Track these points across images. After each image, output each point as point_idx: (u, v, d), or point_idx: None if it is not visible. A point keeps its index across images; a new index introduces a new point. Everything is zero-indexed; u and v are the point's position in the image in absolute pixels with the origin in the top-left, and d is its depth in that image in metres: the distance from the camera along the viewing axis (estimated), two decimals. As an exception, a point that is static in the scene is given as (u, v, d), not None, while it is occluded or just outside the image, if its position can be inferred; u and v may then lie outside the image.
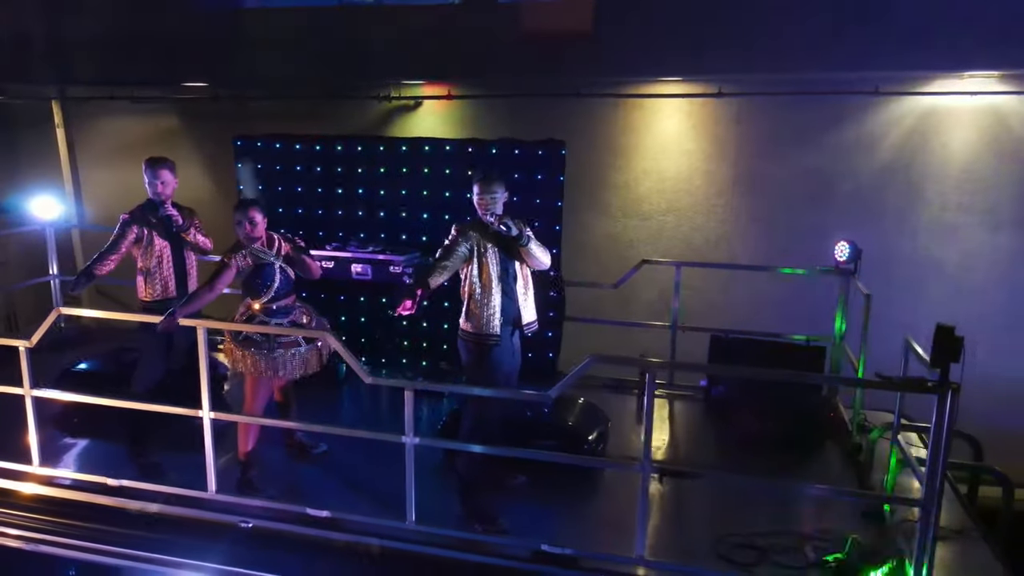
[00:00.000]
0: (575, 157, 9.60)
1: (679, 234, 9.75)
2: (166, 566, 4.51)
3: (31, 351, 4.51)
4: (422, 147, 6.10)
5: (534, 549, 4.13)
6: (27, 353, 4.51)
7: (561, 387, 3.98)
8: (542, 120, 9.60)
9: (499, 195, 4.32)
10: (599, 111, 9.68)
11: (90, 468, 4.81)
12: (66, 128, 10.29)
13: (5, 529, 4.56)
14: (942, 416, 3.54)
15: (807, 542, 4.26)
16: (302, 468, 5.02)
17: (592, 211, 9.87)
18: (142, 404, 4.55)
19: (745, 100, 9.15)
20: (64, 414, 5.35)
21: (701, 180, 9.63)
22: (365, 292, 6.16)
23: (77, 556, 4.55)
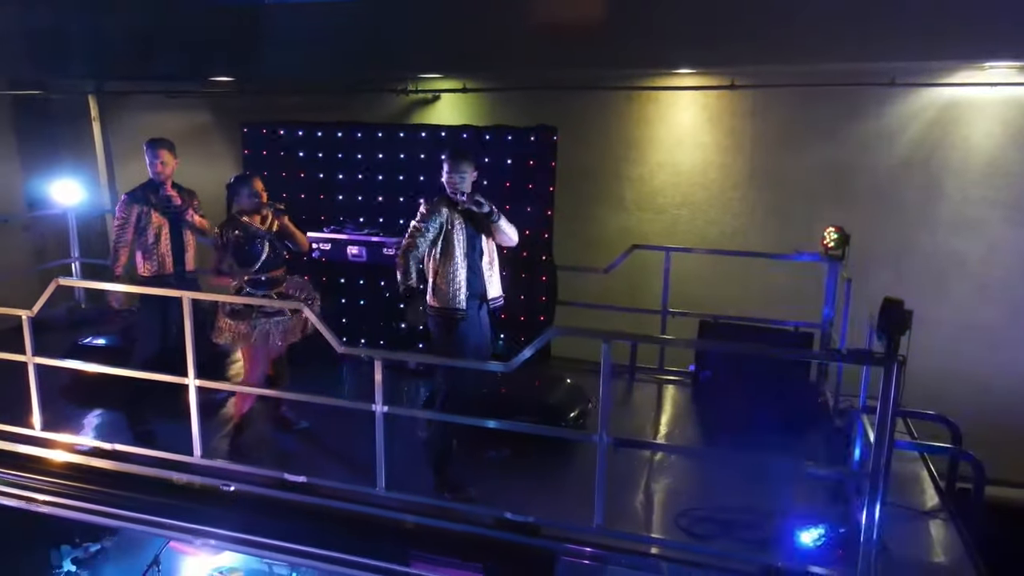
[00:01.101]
0: (589, 150, 9.75)
1: (694, 228, 9.73)
2: (158, 527, 4.76)
3: (33, 320, 4.78)
4: (419, 134, 6.27)
5: (498, 517, 4.24)
6: (29, 322, 4.80)
7: (520, 360, 4.09)
8: (557, 113, 9.66)
9: (467, 174, 4.45)
10: (614, 104, 9.73)
11: (90, 433, 5.07)
12: (101, 121, 10.75)
13: (6, 488, 4.84)
14: (888, 388, 3.54)
15: (770, 518, 4.27)
16: (287, 439, 5.21)
17: (606, 204, 9.92)
18: (132, 372, 4.79)
19: (761, 92, 9.10)
20: (72, 385, 5.63)
21: (716, 173, 9.60)
22: (363, 275, 6.33)
23: (73, 516, 4.82)
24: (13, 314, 4.81)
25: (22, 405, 5.01)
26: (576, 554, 4.11)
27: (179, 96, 10.58)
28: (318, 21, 9.44)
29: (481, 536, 4.23)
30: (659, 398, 6.05)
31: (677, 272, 9.12)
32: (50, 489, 4.91)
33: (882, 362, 3.54)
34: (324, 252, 6.03)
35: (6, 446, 5.03)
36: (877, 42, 7.87)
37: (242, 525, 4.56)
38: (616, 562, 4.08)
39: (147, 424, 5.15)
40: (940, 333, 8.86)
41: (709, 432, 5.51)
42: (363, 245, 5.95)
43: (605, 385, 3.95)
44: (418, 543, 4.28)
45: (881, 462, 3.65)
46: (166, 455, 4.73)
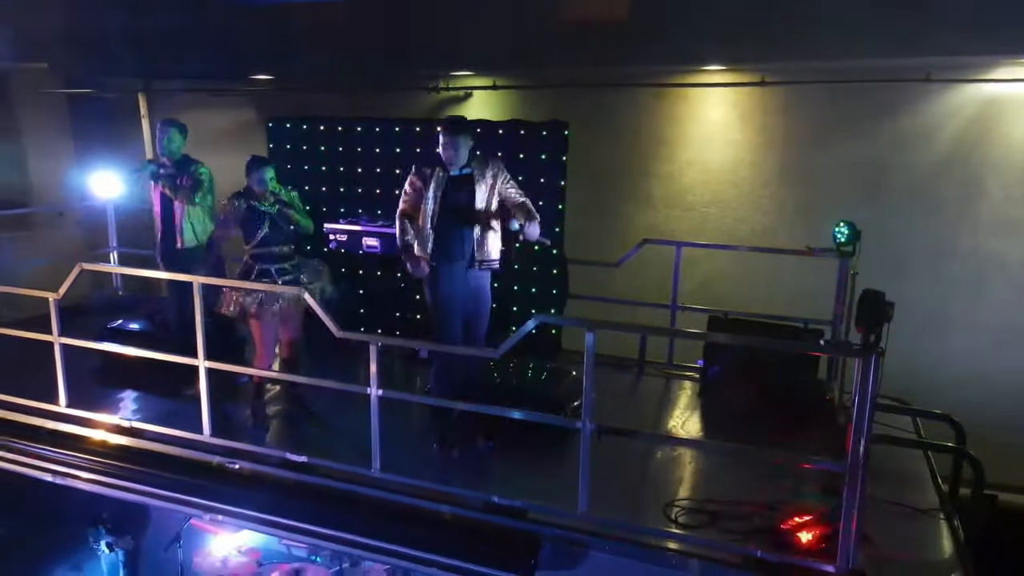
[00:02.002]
0: (618, 147, 9.77)
1: (722, 226, 9.65)
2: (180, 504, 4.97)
3: (58, 302, 5.08)
4: (434, 127, 6.38)
5: (486, 500, 4.33)
6: (55, 304, 5.08)
7: (507, 346, 4.18)
8: (587, 110, 9.77)
9: (461, 148, 4.74)
10: (644, 101, 9.72)
11: (115, 412, 5.32)
12: (150, 119, 11.21)
13: (32, 461, 5.14)
14: (865, 379, 3.52)
15: (759, 511, 4.26)
16: (302, 420, 5.38)
17: (634, 201, 9.92)
18: (147, 353, 5.04)
19: (792, 89, 8.99)
20: (103, 367, 5.92)
21: (746, 171, 9.51)
22: (378, 265, 6.48)
23: (98, 490, 5.09)
24: (41, 296, 5.10)
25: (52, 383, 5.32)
26: (560, 539, 4.18)
27: (222, 94, 10.94)
28: (349, 19, 9.68)
29: (468, 518, 4.33)
30: (665, 392, 6.06)
31: (699, 269, 9.17)
32: (79, 464, 5.17)
33: (860, 353, 3.52)
34: (341, 243, 6.21)
35: (41, 422, 5.33)
36: (911, 38, 7.72)
37: (258, 505, 4.74)
38: (599, 548, 4.12)
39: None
40: (979, 336, 8.63)
41: (712, 426, 5.51)
42: (378, 236, 6.12)
43: (588, 374, 4.01)
44: (410, 524, 4.40)
45: (859, 455, 3.63)
46: (178, 432, 4.96)
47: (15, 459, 5.31)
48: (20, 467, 5.20)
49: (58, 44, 10.58)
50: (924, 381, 7.44)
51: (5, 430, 5.39)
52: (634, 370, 6.30)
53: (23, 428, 5.36)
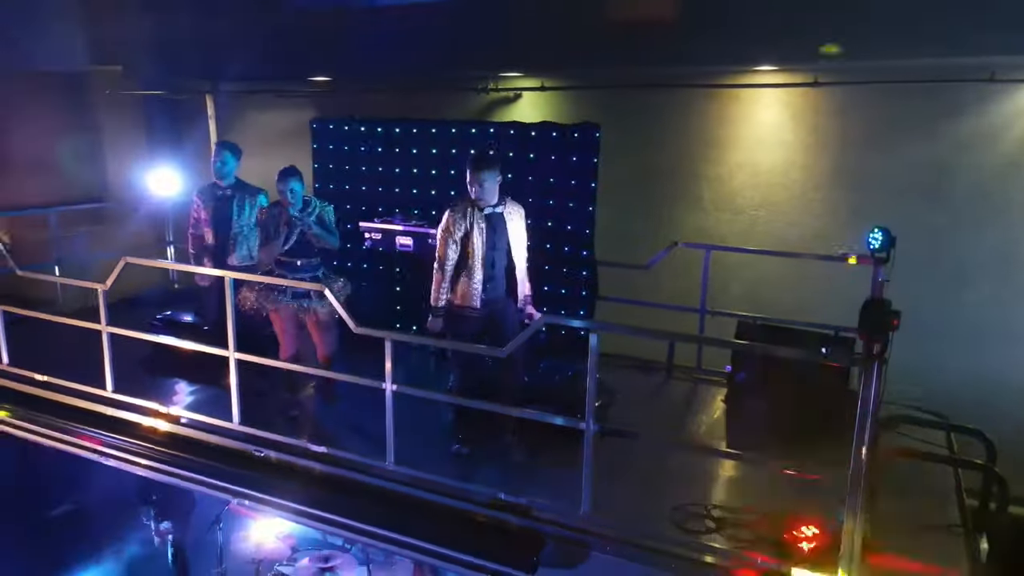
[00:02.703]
0: (667, 149, 9.69)
1: (773, 229, 9.44)
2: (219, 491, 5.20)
3: (106, 293, 5.40)
4: (469, 129, 6.51)
5: (494, 496, 4.41)
6: (104, 295, 5.41)
7: (513, 345, 4.25)
8: (635, 111, 9.72)
9: (487, 183, 4.80)
10: (695, 102, 9.59)
11: (158, 398, 5.61)
12: (217, 120, 11.69)
13: (88, 443, 5.49)
14: (867, 388, 3.45)
15: (767, 519, 4.21)
16: (334, 414, 5.55)
17: (683, 204, 9.79)
18: (184, 343, 5.31)
19: (847, 89, 8.73)
20: (153, 356, 6.23)
21: (798, 173, 9.29)
22: (411, 264, 6.62)
23: (141, 472, 5.39)
24: (90, 287, 5.44)
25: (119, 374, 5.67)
26: (562, 538, 4.22)
27: (285, 95, 11.32)
28: (404, 22, 9.89)
29: (475, 513, 4.42)
30: (691, 396, 6.02)
31: (747, 273, 9.00)
32: (127, 448, 5.48)
33: (861, 362, 3.44)
34: (375, 242, 6.39)
35: (91, 406, 5.68)
36: (974, 36, 7.41)
37: (280, 492, 4.94)
38: (600, 549, 4.15)
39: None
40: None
41: (735, 432, 5.45)
42: (412, 235, 6.26)
43: (591, 375, 4.03)
44: (420, 516, 4.52)
45: (860, 464, 3.55)
46: (209, 419, 5.21)
47: (75, 441, 5.66)
48: (79, 449, 5.54)
49: (131, 47, 11.15)
50: (986, 394, 7.16)
51: (67, 415, 5.74)
52: (662, 373, 6.25)
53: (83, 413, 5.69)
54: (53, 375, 5.85)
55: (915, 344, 8.30)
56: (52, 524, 7.29)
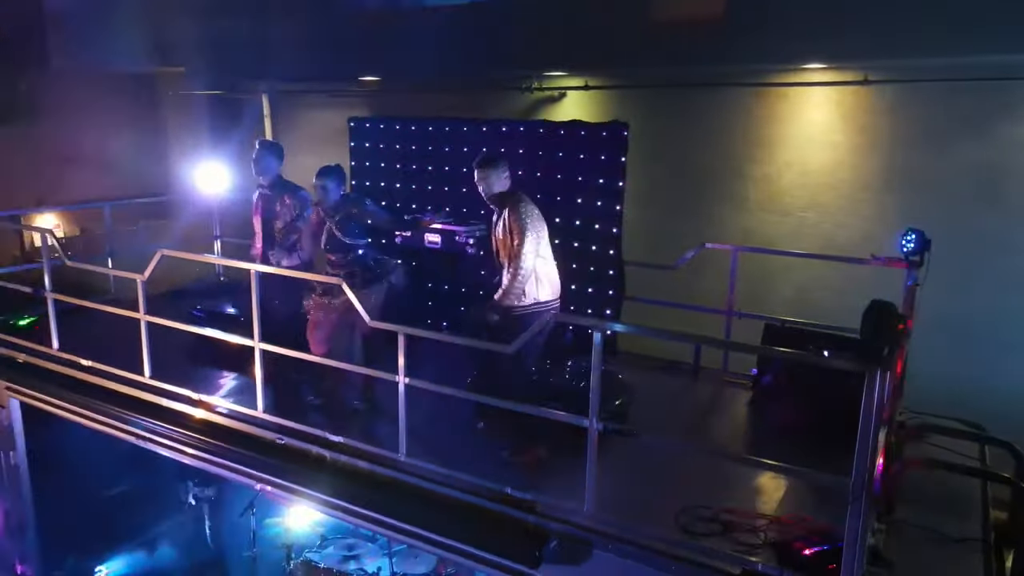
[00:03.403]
0: (712, 148, 9.58)
1: (820, 231, 9.23)
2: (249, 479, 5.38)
3: (145, 284, 5.65)
4: (499, 128, 6.56)
5: (501, 491, 4.45)
6: (142, 286, 5.65)
7: (520, 342, 4.28)
8: (681, 110, 9.65)
9: (484, 180, 4.95)
10: (741, 100, 9.46)
11: (192, 386, 5.82)
12: (272, 119, 12.06)
13: (130, 428, 5.76)
14: (870, 394, 3.36)
15: (775, 526, 4.14)
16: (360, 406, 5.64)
17: (727, 205, 9.66)
18: (212, 332, 5.52)
19: (899, 88, 8.48)
20: (194, 346, 6.45)
21: (847, 174, 9.06)
22: (439, 261, 6.69)
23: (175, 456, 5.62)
24: (129, 277, 5.70)
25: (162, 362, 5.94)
26: (566, 535, 4.23)
27: (338, 95, 11.60)
28: (451, 22, 10.03)
29: (483, 507, 4.46)
30: (716, 398, 5.93)
31: (796, 276, 8.82)
32: (164, 433, 5.72)
33: (865, 367, 3.36)
34: (405, 239, 6.49)
35: (129, 391, 5.95)
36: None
37: (299, 479, 5.08)
38: (602, 547, 4.15)
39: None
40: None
41: (757, 436, 5.36)
42: (440, 233, 6.35)
43: (596, 372, 4.03)
44: (430, 507, 4.59)
45: (863, 474, 3.46)
46: (236, 407, 5.40)
47: (115, 424, 5.95)
48: (118, 432, 5.82)
49: (193, 49, 11.60)
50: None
51: (108, 399, 6.02)
52: (687, 375, 6.19)
53: (123, 397, 5.96)
54: (101, 361, 6.12)
55: (962, 351, 8.04)
56: (107, 503, 7.66)
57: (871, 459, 3.44)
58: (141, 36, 12.02)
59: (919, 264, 5.27)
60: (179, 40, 11.79)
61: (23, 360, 6.61)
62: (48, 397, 6.32)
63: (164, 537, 7.73)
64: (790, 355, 4.76)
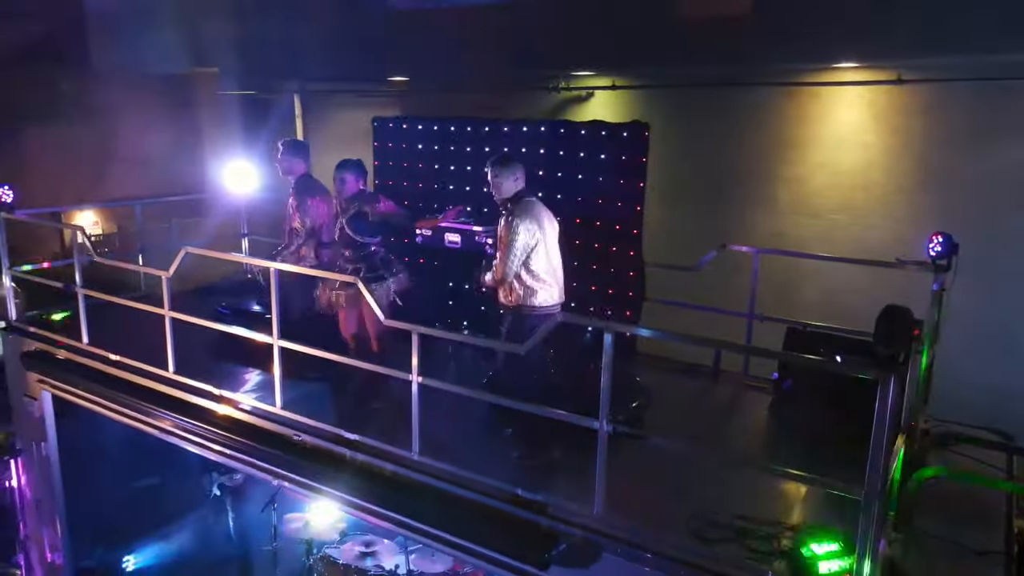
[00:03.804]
0: (741, 149, 9.45)
1: (852, 234, 9.05)
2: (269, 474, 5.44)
3: (170, 280, 5.75)
4: (520, 128, 6.55)
5: (512, 492, 4.45)
6: (167, 282, 5.75)
7: (531, 343, 4.26)
8: (710, 110, 9.53)
9: (495, 179, 5.02)
10: (772, 100, 9.31)
11: (213, 381, 5.90)
12: (303, 118, 12.20)
13: (156, 422, 5.87)
14: (883, 400, 3.28)
15: (789, 532, 4.06)
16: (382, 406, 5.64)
17: (758, 206, 9.52)
18: (237, 330, 5.59)
19: (933, 87, 8.28)
20: (218, 342, 6.54)
21: (879, 175, 8.87)
22: (459, 260, 6.68)
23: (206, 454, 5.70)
24: (155, 274, 5.81)
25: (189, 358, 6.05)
26: (575, 538, 4.21)
27: (367, 95, 11.69)
28: (477, 23, 10.05)
29: (493, 507, 4.46)
30: (735, 402, 5.85)
31: (824, 280, 8.65)
32: (187, 427, 5.81)
33: (877, 372, 3.28)
34: (426, 238, 6.51)
35: (154, 385, 6.07)
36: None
37: (313, 476, 5.13)
38: (611, 550, 4.12)
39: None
40: None
41: (775, 442, 5.28)
42: (460, 232, 6.35)
43: (606, 374, 4.00)
44: (441, 507, 4.60)
45: (876, 482, 3.39)
46: (256, 403, 5.47)
47: (139, 417, 6.07)
48: (142, 425, 5.94)
49: (227, 50, 11.79)
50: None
51: (134, 393, 6.13)
52: (707, 378, 6.11)
53: (148, 392, 6.07)
54: (129, 356, 6.23)
55: (995, 358, 7.80)
56: (135, 494, 7.82)
57: (884, 467, 3.36)
58: (177, 38, 12.25)
59: (946, 268, 5.15)
60: (213, 41, 11.99)
61: (64, 356, 6.71)
62: (77, 390, 6.46)
63: (188, 529, 7.88)
64: (801, 360, 4.65)
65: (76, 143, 13.59)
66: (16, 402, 7.19)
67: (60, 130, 13.50)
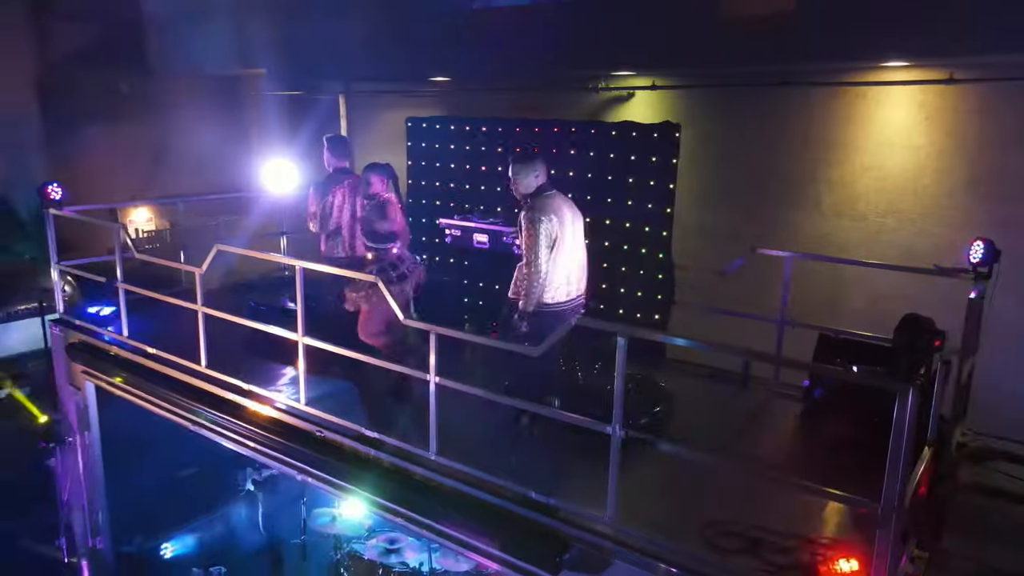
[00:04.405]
0: (783, 150, 9.24)
1: (899, 239, 8.78)
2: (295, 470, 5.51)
3: (203, 276, 5.88)
4: (551, 128, 6.51)
5: (524, 494, 4.42)
6: (200, 278, 5.87)
7: (546, 345, 4.23)
8: (751, 110, 9.35)
9: (513, 177, 4.93)
10: (817, 100, 9.09)
11: (244, 376, 6.00)
12: (348, 118, 12.36)
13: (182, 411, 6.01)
14: (901, 412, 3.15)
15: (808, 546, 3.95)
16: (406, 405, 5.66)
17: (800, 209, 9.30)
18: (259, 325, 5.69)
19: (988, 87, 7.96)
20: (251, 337, 6.65)
21: (930, 179, 8.57)
22: (488, 260, 6.69)
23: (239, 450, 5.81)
24: (189, 270, 5.94)
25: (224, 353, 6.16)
26: (586, 543, 4.16)
27: (409, 95, 11.79)
28: (519, 23, 10.03)
29: (506, 509, 4.44)
30: (763, 410, 5.70)
31: (869, 287, 8.39)
32: (216, 420, 5.92)
33: (895, 384, 3.15)
34: (455, 238, 6.53)
35: (186, 379, 6.21)
36: None
37: (333, 471, 5.18)
38: (622, 558, 4.05)
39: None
40: None
41: (803, 452, 5.13)
42: (488, 233, 6.35)
43: (619, 379, 3.94)
44: (456, 507, 4.60)
45: (893, 498, 3.26)
46: (278, 397, 5.55)
47: (172, 409, 6.22)
48: (175, 417, 6.11)
49: (273, 51, 12.02)
50: None
51: (169, 385, 6.28)
52: (737, 384, 5.98)
53: (182, 385, 6.21)
54: (166, 350, 6.38)
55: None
56: (174, 484, 8.03)
57: (903, 482, 3.23)
58: (227, 40, 12.53)
59: (987, 276, 4.94)
60: (261, 43, 12.22)
61: (115, 353, 6.88)
62: (117, 382, 6.65)
63: (223, 520, 8.06)
64: (820, 369, 4.49)
65: (133, 142, 14.01)
66: (62, 391, 7.45)
67: (117, 129, 13.92)
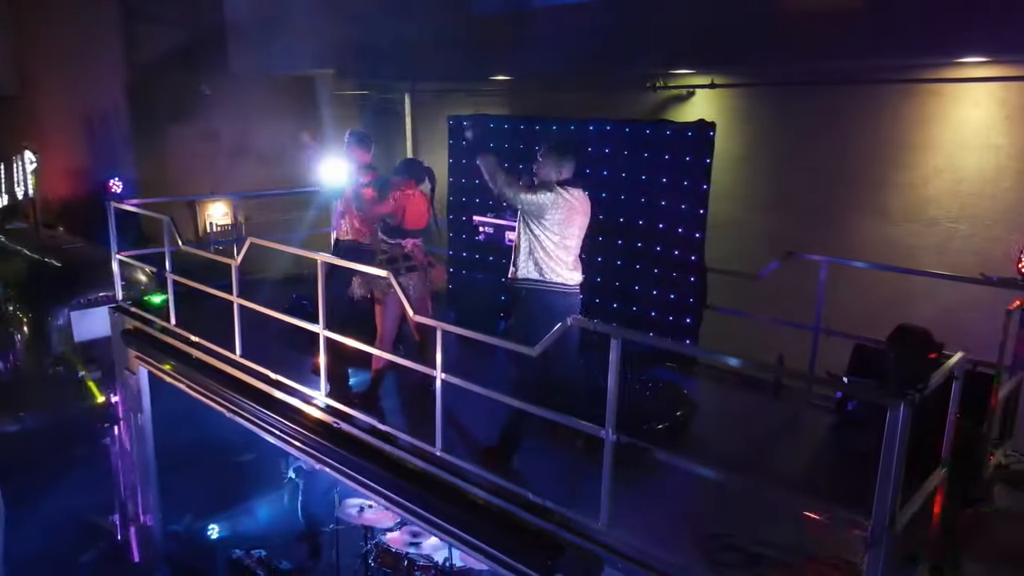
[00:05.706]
0: (849, 151, 8.82)
1: (972, 245, 8.24)
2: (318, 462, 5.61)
3: (239, 268, 6.05)
4: (587, 128, 6.40)
5: (523, 496, 4.35)
6: (236, 271, 6.05)
7: (543, 345, 4.15)
8: (815, 109, 8.96)
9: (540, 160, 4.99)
10: (885, 98, 8.63)
11: (274, 367, 6.13)
12: (412, 116, 12.55)
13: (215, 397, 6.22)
14: (892, 428, 2.93)
15: (812, 566, 3.73)
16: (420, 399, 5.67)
17: (865, 213, 8.85)
18: (280, 315, 5.83)
19: (1075, 83, 7.38)
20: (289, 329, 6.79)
21: (1010, 182, 8.01)
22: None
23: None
24: (225, 262, 6.14)
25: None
26: (580, 548, 4.06)
27: (471, 94, 11.85)
28: (577, 22, 9.94)
29: (503, 509, 4.39)
30: (792, 421, 5.43)
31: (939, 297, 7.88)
32: (247, 409, 6.10)
33: (886, 400, 2.93)
34: (488, 235, 6.50)
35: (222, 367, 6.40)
36: None
37: (342, 460, 5.26)
38: (613, 564, 3.94)
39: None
40: None
41: (831, 466, 4.86)
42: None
43: (612, 383, 3.83)
44: (456, 503, 4.58)
45: (884, 518, 3.03)
46: (301, 388, 5.66)
47: (211, 396, 6.45)
48: (213, 403, 6.34)
49: (344, 52, 12.31)
50: None
51: (208, 373, 6.50)
52: (768, 391, 5.72)
53: (218, 373, 6.42)
54: (210, 339, 6.59)
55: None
56: (225, 468, 8.33)
57: (893, 501, 3.00)
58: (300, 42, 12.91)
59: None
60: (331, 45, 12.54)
61: (168, 342, 7.16)
62: (165, 368, 6.94)
63: (267, 506, 8.31)
64: (808, 378, 4.21)
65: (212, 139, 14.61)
66: (119, 375, 7.84)
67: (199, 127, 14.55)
